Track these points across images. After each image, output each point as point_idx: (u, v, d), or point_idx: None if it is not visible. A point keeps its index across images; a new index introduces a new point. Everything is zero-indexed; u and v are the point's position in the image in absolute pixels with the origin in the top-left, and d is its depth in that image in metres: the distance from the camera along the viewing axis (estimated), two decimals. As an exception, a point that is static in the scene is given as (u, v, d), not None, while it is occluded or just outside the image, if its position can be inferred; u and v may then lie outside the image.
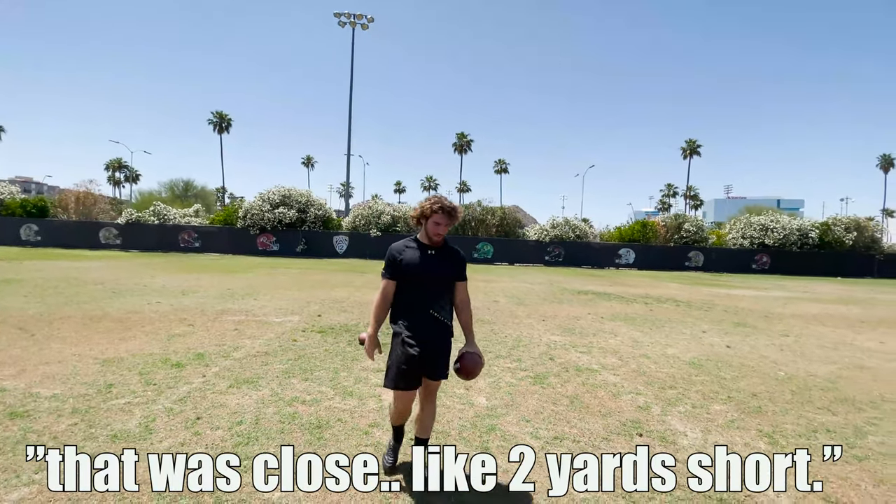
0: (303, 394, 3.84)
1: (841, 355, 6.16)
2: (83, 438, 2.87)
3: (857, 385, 4.77)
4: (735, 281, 21.10)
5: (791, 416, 3.77)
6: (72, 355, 4.75)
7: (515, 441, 3.08)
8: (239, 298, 9.18)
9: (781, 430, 3.47)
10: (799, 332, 7.80)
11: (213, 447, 2.83)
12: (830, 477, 2.77)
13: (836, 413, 3.90)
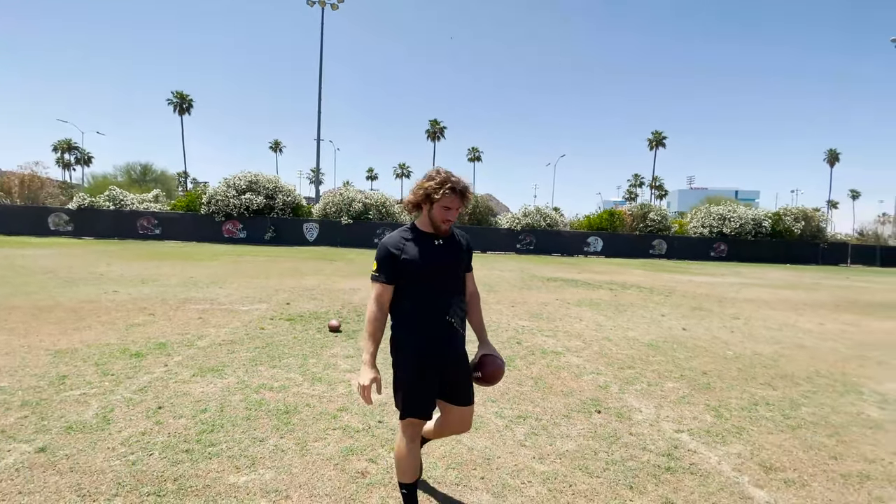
0: (270, 381, 3.82)
1: (784, 336, 6.61)
2: (34, 431, 2.78)
3: (795, 363, 5.15)
4: (694, 268, 22.09)
5: (736, 392, 4.05)
6: (20, 346, 4.53)
7: (481, 422, 3.18)
8: (203, 287, 8.92)
9: (726, 405, 3.72)
10: (749, 315, 8.29)
11: (176, 435, 2.80)
12: (766, 445, 3.01)
13: (775, 388, 4.21)
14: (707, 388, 4.10)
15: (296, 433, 2.90)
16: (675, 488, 2.42)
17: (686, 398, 3.83)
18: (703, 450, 2.88)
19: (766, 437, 3.14)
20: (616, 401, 3.69)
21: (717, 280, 15.55)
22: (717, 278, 16.27)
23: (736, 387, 4.19)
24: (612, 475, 2.53)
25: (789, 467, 2.72)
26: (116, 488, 2.22)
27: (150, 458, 2.51)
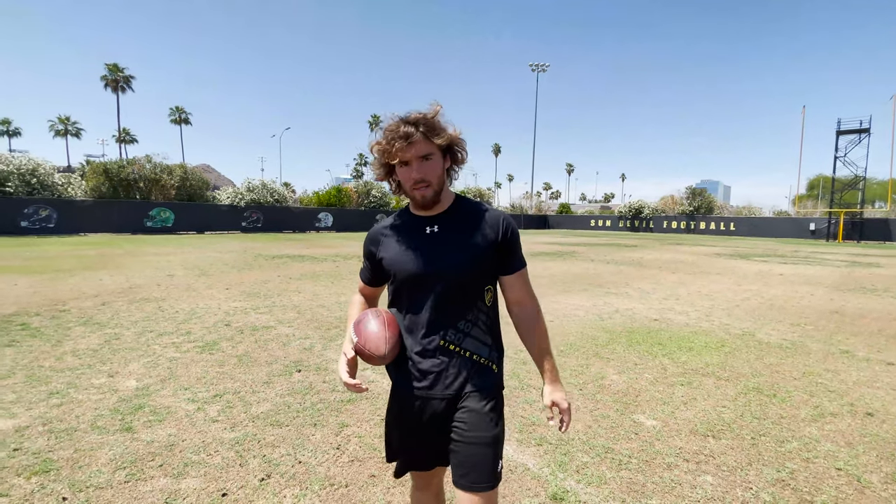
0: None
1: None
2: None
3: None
4: (409, 237, 25.73)
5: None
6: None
7: (168, 412, 2.98)
8: None
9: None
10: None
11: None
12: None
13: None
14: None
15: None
16: (351, 414, 2.98)
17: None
18: (380, 378, 3.61)
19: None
20: (317, 358, 4.11)
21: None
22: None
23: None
24: (300, 420, 2.89)
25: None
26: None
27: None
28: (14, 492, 2.13)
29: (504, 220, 1.32)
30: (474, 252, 1.27)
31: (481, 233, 1.29)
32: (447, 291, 1.27)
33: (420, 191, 1.25)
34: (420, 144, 1.21)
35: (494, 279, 1.35)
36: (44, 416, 2.89)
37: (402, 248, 1.30)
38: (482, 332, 1.32)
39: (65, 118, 60.05)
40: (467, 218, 1.31)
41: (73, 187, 25.33)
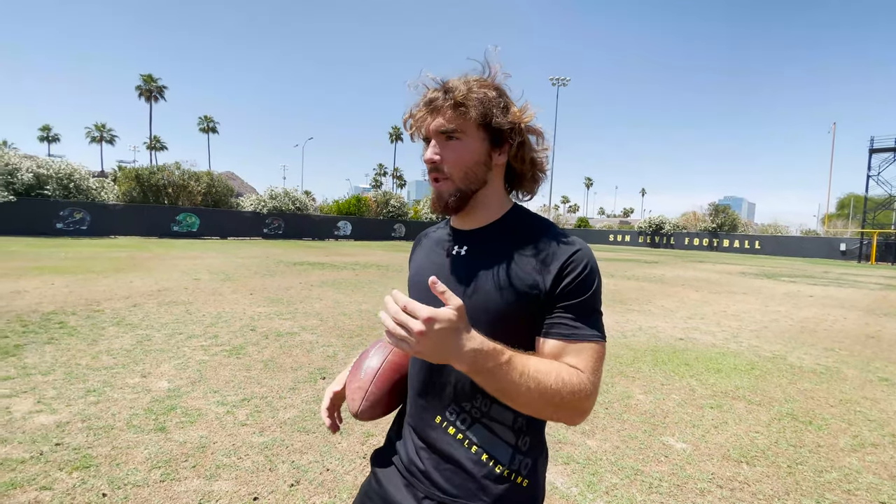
0: None
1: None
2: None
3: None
4: (427, 247, 25.88)
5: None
6: None
7: (199, 414, 3.05)
8: None
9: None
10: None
11: None
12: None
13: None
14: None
15: None
16: (376, 424, 3.00)
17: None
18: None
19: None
20: (340, 366, 4.15)
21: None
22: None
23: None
24: (326, 428, 2.91)
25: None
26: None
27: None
28: (57, 485, 2.21)
29: (571, 257, 0.82)
30: (496, 303, 0.83)
31: (522, 273, 0.83)
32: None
33: (433, 182, 0.89)
34: (444, 114, 0.84)
35: (533, 345, 0.85)
36: (82, 412, 2.99)
37: (422, 267, 0.98)
38: (504, 422, 0.85)
39: (100, 125, 62.68)
40: (515, 242, 0.86)
41: (105, 191, 26.32)
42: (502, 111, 0.85)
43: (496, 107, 0.85)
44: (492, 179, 0.90)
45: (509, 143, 0.88)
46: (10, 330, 4.84)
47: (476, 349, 0.69)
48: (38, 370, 3.72)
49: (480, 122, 0.84)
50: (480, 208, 0.90)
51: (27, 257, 11.89)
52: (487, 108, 0.84)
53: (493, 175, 0.90)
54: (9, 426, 2.77)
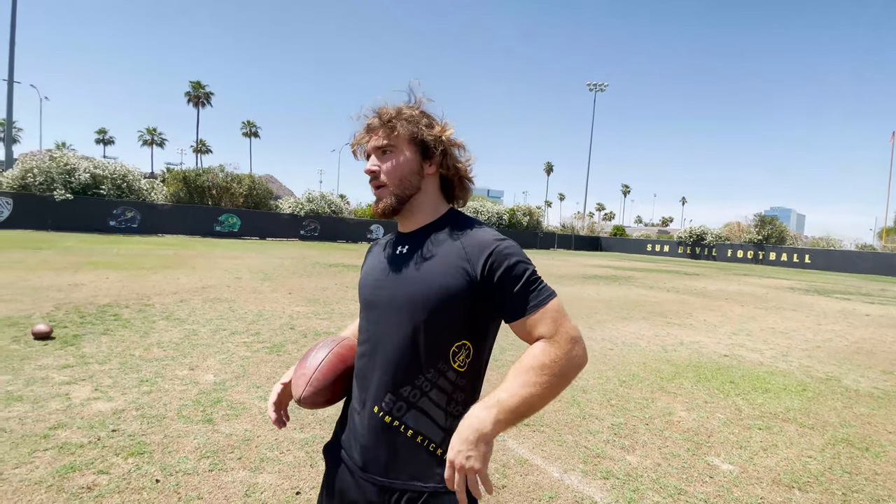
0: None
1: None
2: None
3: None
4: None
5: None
6: None
7: (243, 408, 3.17)
8: None
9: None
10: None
11: None
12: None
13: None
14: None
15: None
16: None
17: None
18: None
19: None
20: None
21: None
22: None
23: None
24: (364, 428, 2.96)
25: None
26: None
27: None
28: (114, 470, 2.35)
29: (490, 250, 0.91)
30: (431, 291, 0.92)
31: (452, 264, 0.92)
32: (394, 338, 0.94)
33: (375, 190, 1.02)
34: (379, 133, 1.00)
35: (478, 333, 0.96)
36: (136, 401, 3.17)
37: (369, 266, 1.09)
38: (439, 407, 0.93)
39: (152, 129, 66.50)
40: (447, 240, 0.97)
41: (155, 192, 27.85)
42: (427, 127, 1.00)
43: (421, 124, 1.00)
44: (425, 187, 1.02)
45: (435, 155, 1.01)
46: (69, 321, 5.18)
47: (490, 433, 0.84)
48: (96, 359, 3.97)
49: (410, 138, 0.99)
50: (417, 213, 1.03)
51: (83, 252, 12.73)
52: (414, 125, 0.99)
53: (427, 183, 1.03)
54: (69, 412, 2.96)
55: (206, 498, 2.15)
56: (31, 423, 2.77)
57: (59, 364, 3.79)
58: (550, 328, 0.89)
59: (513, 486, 2.43)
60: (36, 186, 22.05)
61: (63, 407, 3.02)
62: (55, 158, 23.23)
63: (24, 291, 6.64)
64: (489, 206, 39.55)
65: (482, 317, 0.96)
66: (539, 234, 42.56)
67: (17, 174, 22.22)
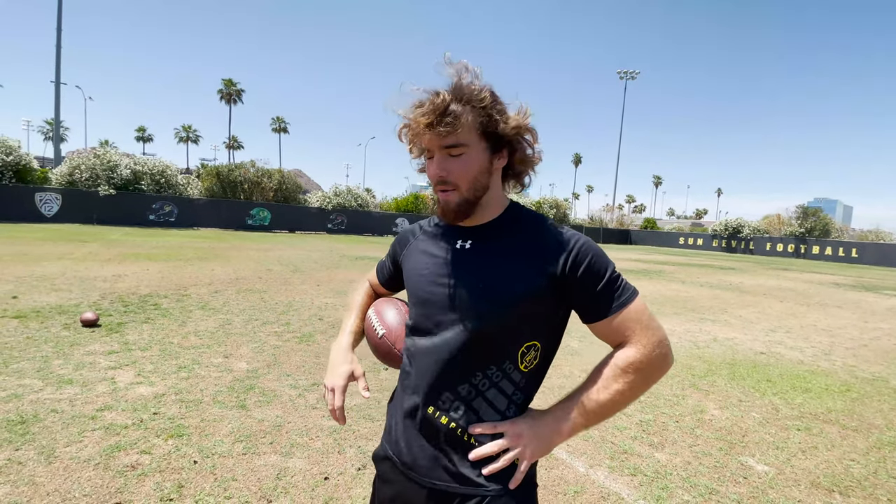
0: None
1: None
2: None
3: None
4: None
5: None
6: None
7: (274, 395, 3.28)
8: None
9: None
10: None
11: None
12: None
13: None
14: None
15: (37, 442, 2.46)
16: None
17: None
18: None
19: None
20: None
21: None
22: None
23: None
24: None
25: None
26: None
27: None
28: (155, 450, 2.48)
29: (576, 244, 0.87)
30: (505, 290, 0.86)
31: (529, 262, 0.87)
32: (458, 338, 0.88)
33: (440, 194, 0.91)
34: (440, 125, 0.83)
35: (550, 334, 0.92)
36: (175, 386, 3.33)
37: (422, 260, 0.99)
38: (494, 408, 0.89)
39: (187, 126, 69.00)
40: (517, 236, 0.91)
41: (191, 187, 28.93)
42: (500, 115, 0.87)
43: (493, 112, 0.86)
44: (493, 182, 0.93)
45: (508, 147, 0.91)
46: (114, 309, 5.47)
47: (564, 439, 0.89)
48: (138, 346, 4.18)
49: (480, 130, 0.86)
50: (483, 209, 0.94)
51: (126, 245, 13.38)
52: (484, 114, 0.86)
53: (494, 178, 0.93)
54: (114, 395, 3.14)
55: (241, 479, 2.25)
56: (81, 404, 2.95)
57: (105, 350, 4.02)
58: (635, 329, 0.87)
59: (537, 479, 2.42)
60: (82, 183, 23.29)
61: (109, 390, 3.20)
62: (99, 156, 24.43)
63: (72, 282, 7.05)
64: (514, 199, 39.25)
65: (557, 316, 0.91)
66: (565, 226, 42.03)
67: (64, 171, 23.52)
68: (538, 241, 0.90)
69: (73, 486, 2.12)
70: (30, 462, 2.27)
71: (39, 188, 22.07)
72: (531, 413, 0.92)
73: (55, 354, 3.84)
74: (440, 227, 1.00)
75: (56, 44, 27.33)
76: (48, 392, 3.10)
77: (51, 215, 22.03)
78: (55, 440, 2.49)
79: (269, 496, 2.14)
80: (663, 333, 0.88)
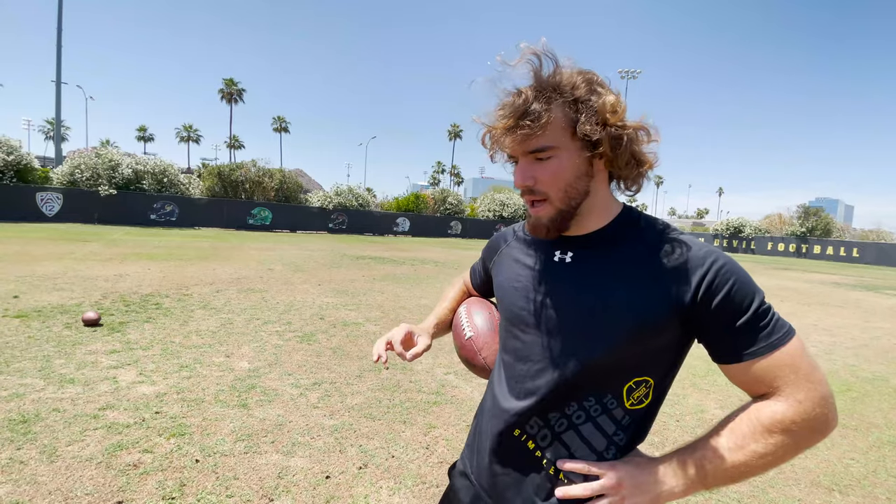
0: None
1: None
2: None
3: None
4: (481, 245, 25.81)
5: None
6: None
7: (276, 394, 3.29)
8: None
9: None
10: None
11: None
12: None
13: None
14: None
15: (39, 441, 2.47)
16: (437, 416, 3.07)
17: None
18: (463, 384, 3.67)
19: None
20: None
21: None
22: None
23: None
24: (390, 416, 3.03)
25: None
26: None
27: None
28: (157, 449, 2.49)
29: (713, 265, 0.71)
30: (615, 315, 0.73)
31: (647, 283, 0.73)
32: (551, 360, 0.77)
33: (529, 206, 0.79)
34: (524, 126, 0.71)
35: (666, 369, 0.79)
36: (177, 385, 3.34)
37: (514, 270, 0.87)
38: (590, 446, 0.78)
39: (188, 126, 68.98)
40: (632, 250, 0.76)
41: (192, 186, 28.95)
42: (594, 112, 0.72)
43: (590, 108, 0.72)
44: (595, 187, 0.78)
45: (611, 147, 0.74)
46: (116, 309, 5.49)
47: (668, 482, 0.73)
48: (140, 345, 4.19)
49: (572, 129, 0.73)
50: (585, 217, 0.80)
51: (127, 244, 13.40)
52: (575, 110, 0.72)
53: (596, 181, 0.78)
54: (116, 394, 3.15)
55: (242, 478, 2.26)
56: (83, 403, 2.97)
57: (107, 349, 4.03)
58: (788, 379, 0.69)
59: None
60: (83, 182, 23.30)
61: (111, 389, 3.21)
62: (101, 155, 24.44)
63: (74, 281, 7.07)
64: (516, 198, 39.09)
65: (676, 350, 0.77)
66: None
67: (66, 170, 23.53)
68: (660, 258, 0.73)
69: (74, 485, 2.13)
70: (32, 461, 2.28)
71: (40, 188, 22.10)
72: (637, 459, 0.77)
73: (57, 354, 3.85)
74: (531, 238, 0.88)
75: (57, 43, 27.34)
76: (50, 391, 3.11)
77: (52, 215, 22.06)
78: (57, 439, 2.50)
79: (271, 495, 2.15)
80: (828, 389, 0.70)
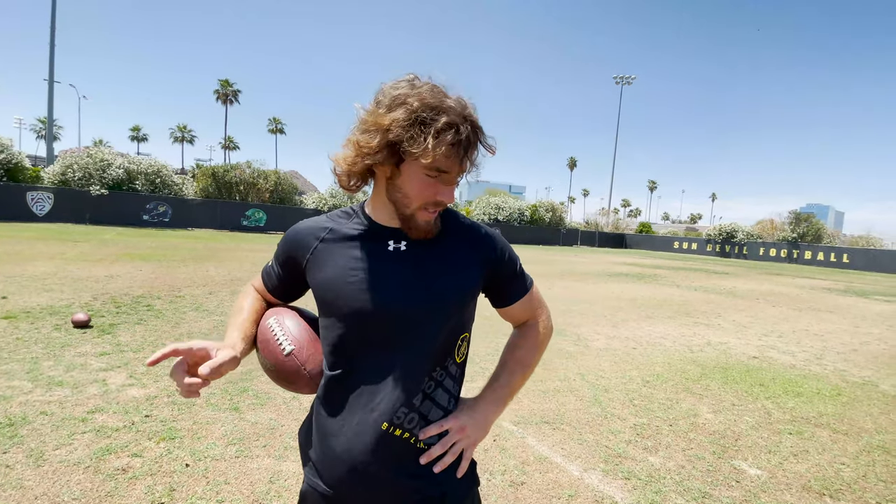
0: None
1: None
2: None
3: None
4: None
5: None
6: None
7: (268, 398, 3.26)
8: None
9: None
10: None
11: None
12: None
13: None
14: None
15: (26, 445, 2.43)
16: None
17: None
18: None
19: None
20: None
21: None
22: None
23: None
24: (384, 421, 3.00)
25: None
26: None
27: None
28: (146, 453, 2.45)
29: (495, 239, 0.96)
30: (454, 289, 0.88)
31: (467, 258, 0.91)
32: (409, 344, 0.85)
33: (432, 215, 0.87)
34: (468, 163, 0.86)
35: (473, 322, 0.97)
36: (168, 388, 3.30)
37: (344, 266, 0.87)
38: (442, 408, 0.91)
39: (182, 126, 68.62)
40: (450, 232, 0.92)
41: (186, 187, 28.76)
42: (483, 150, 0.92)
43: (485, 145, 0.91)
44: None
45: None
46: (106, 310, 5.42)
47: (493, 411, 0.97)
48: (130, 347, 4.14)
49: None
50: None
51: (119, 245, 13.27)
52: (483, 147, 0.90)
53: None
54: (105, 397, 3.11)
55: (233, 483, 2.23)
56: (71, 406, 2.92)
57: (96, 351, 3.98)
58: (537, 309, 1.05)
59: (532, 483, 2.42)
60: (75, 182, 23.08)
61: (100, 392, 3.17)
62: (92, 155, 24.23)
63: (64, 282, 6.98)
64: (511, 203, 39.19)
65: (475, 302, 0.98)
66: (562, 230, 41.98)
67: (57, 170, 23.30)
68: (469, 237, 0.94)
69: (62, 489, 2.09)
70: (18, 465, 2.24)
71: (31, 187, 21.86)
72: (467, 403, 0.96)
73: (45, 356, 3.79)
74: (359, 228, 0.91)
75: (50, 41, 27.12)
76: (38, 394, 3.06)
77: (42, 214, 21.81)
78: (44, 443, 2.46)
79: (262, 500, 2.12)
80: (548, 306, 1.11)
